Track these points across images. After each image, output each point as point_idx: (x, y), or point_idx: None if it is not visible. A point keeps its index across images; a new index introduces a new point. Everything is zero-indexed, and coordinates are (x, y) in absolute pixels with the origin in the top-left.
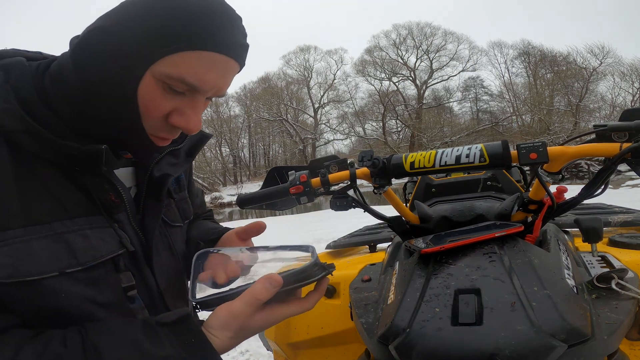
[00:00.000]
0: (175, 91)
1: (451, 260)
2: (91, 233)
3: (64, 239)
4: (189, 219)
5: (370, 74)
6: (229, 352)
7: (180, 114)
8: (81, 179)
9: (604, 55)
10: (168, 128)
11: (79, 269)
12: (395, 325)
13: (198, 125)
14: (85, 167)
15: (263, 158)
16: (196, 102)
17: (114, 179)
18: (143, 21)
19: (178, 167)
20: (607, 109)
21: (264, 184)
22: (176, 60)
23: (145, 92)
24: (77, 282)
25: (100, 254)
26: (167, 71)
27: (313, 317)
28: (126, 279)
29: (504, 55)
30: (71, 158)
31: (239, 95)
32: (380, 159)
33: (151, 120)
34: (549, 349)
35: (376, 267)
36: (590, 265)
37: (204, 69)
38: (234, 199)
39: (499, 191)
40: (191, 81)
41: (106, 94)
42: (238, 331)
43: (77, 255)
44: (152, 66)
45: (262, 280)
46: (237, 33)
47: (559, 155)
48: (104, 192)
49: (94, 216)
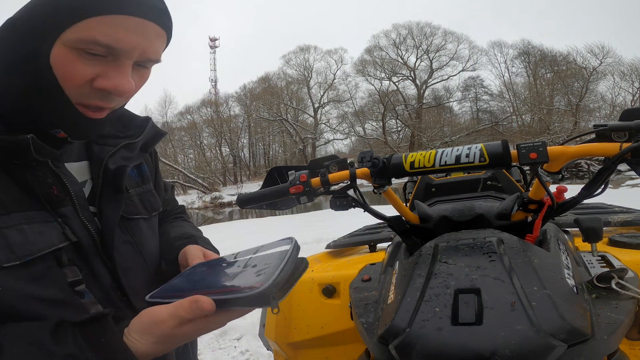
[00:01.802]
0: (93, 54)
1: (451, 260)
2: (28, 227)
3: (2, 234)
4: (157, 210)
5: (370, 73)
6: (229, 352)
7: (105, 77)
8: (21, 173)
9: (604, 55)
10: (97, 94)
11: (17, 263)
12: (395, 325)
13: (127, 87)
14: (19, 159)
15: (263, 158)
16: (121, 65)
17: (60, 172)
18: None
19: (132, 160)
20: (607, 109)
21: (264, 183)
22: (85, 26)
23: (58, 60)
24: (17, 278)
25: (37, 247)
26: (77, 36)
27: (313, 317)
28: (71, 274)
29: (504, 55)
30: (6, 152)
31: (239, 95)
32: (380, 159)
33: (73, 88)
34: (548, 349)
35: (376, 267)
36: (590, 265)
37: (117, 30)
38: (234, 199)
39: (499, 191)
40: (105, 41)
41: (23, 74)
42: (162, 338)
43: (14, 249)
44: (62, 35)
45: (190, 300)
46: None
47: (559, 155)
48: (46, 186)
49: (34, 211)
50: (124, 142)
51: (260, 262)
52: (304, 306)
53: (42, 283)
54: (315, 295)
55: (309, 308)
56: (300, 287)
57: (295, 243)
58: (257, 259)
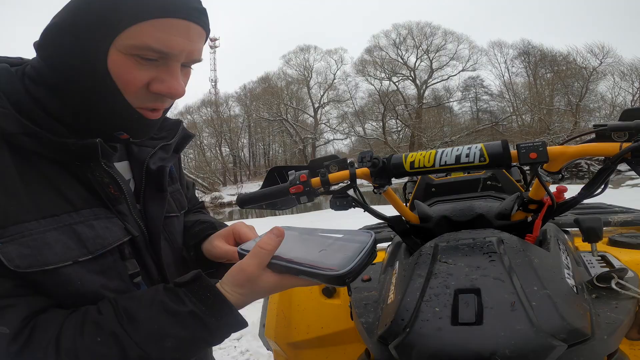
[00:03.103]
0: (147, 59)
1: (451, 260)
2: (96, 223)
3: (73, 230)
4: (185, 209)
5: (370, 73)
6: (229, 352)
7: (159, 81)
8: (82, 173)
9: (604, 55)
10: (153, 97)
11: (90, 257)
12: (395, 325)
13: (180, 90)
14: (84, 161)
15: (263, 158)
16: (172, 68)
17: (113, 172)
18: (91, 4)
19: (167, 161)
20: (607, 109)
21: (264, 183)
22: (136, 32)
23: (116, 67)
24: (89, 271)
25: (107, 241)
26: (131, 42)
27: (313, 317)
28: (132, 266)
29: (504, 55)
30: (70, 154)
31: (239, 95)
32: (380, 159)
33: (133, 93)
34: (548, 349)
35: (376, 267)
36: (590, 264)
37: (166, 34)
38: (234, 199)
39: (498, 191)
40: (157, 47)
41: (81, 81)
42: (247, 286)
43: (86, 244)
44: (114, 42)
45: (267, 233)
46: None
47: (559, 154)
48: (104, 185)
49: (97, 208)
50: (161, 144)
51: (342, 248)
52: (304, 306)
53: (110, 275)
54: (315, 295)
55: (309, 308)
56: (300, 287)
57: (374, 238)
58: (339, 243)
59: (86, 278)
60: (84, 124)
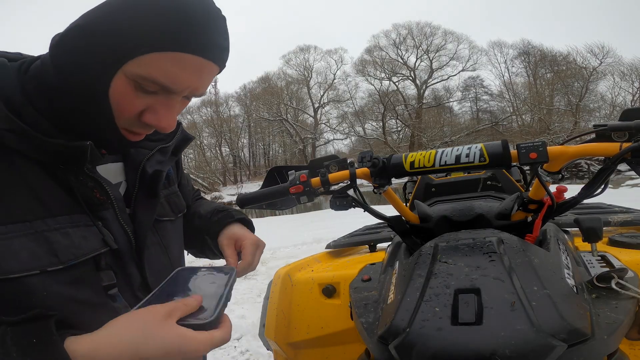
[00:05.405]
0: (147, 90)
1: (451, 260)
2: (73, 232)
3: (44, 237)
4: (182, 212)
5: (370, 73)
6: (229, 352)
7: (153, 112)
8: (65, 177)
9: (604, 55)
10: (141, 125)
11: (60, 267)
12: (395, 325)
13: (171, 124)
14: (68, 164)
15: (263, 158)
16: (170, 101)
17: (97, 176)
18: (115, 21)
19: (164, 164)
20: (607, 109)
21: (264, 183)
22: (147, 61)
23: (117, 91)
24: (58, 281)
25: (81, 252)
26: (138, 71)
27: (313, 317)
28: (107, 278)
29: (503, 55)
30: (55, 155)
31: (239, 95)
32: (380, 159)
33: (124, 119)
34: (548, 349)
35: (376, 267)
36: (590, 264)
37: (176, 69)
38: (234, 199)
39: (498, 191)
40: (162, 81)
41: (80, 92)
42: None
43: (57, 253)
44: (125, 66)
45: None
46: (215, 35)
47: (559, 154)
48: (88, 190)
49: (77, 214)
50: (159, 146)
51: (206, 290)
52: (304, 306)
53: (80, 286)
54: (315, 295)
55: (309, 308)
56: (300, 287)
57: (234, 274)
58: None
59: (52, 289)
60: (73, 131)
